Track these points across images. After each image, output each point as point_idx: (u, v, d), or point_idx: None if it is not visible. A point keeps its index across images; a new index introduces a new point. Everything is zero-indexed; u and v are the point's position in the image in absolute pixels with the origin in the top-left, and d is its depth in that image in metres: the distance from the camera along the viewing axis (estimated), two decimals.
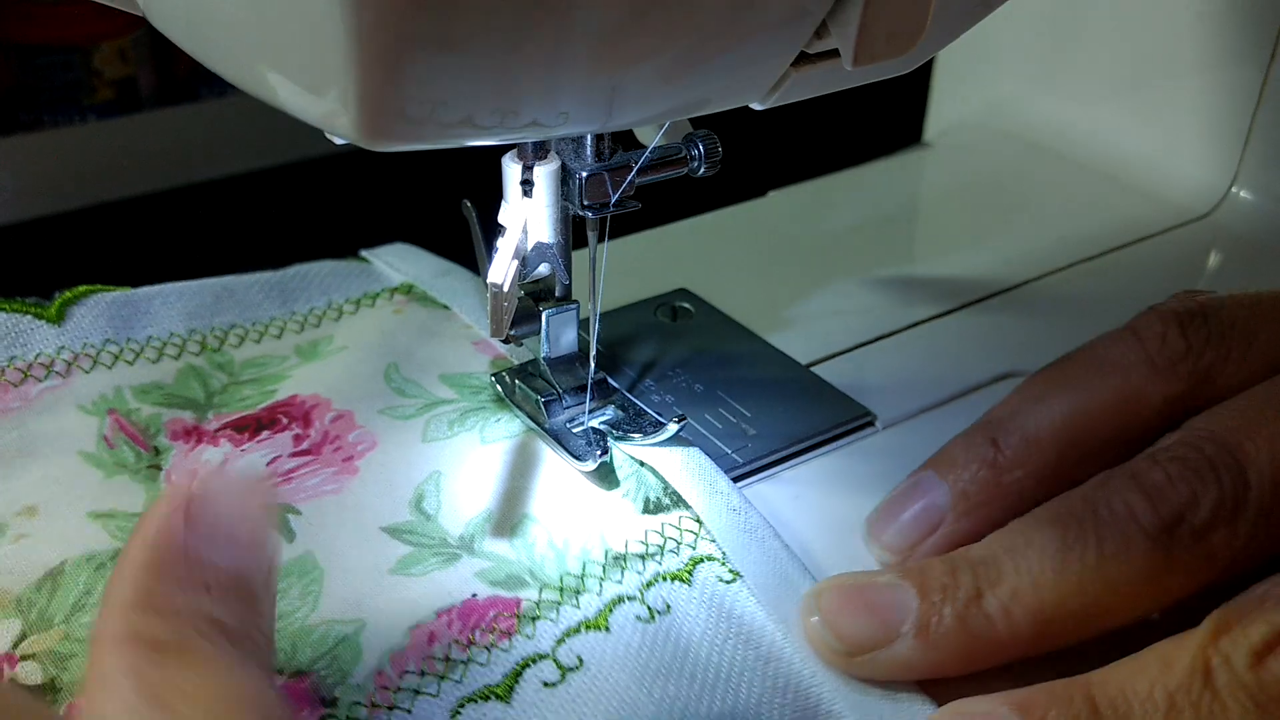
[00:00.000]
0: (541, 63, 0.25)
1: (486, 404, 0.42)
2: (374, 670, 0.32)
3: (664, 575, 0.36)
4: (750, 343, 0.47)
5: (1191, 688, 0.28)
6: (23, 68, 0.73)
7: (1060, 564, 0.31)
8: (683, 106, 0.30)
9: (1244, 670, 0.28)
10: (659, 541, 0.37)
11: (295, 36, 0.25)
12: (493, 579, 0.35)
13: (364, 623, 0.33)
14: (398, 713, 0.31)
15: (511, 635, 0.33)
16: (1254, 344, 0.35)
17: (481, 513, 0.38)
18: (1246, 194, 0.57)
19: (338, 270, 0.49)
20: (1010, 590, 0.31)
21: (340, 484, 0.39)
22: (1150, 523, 0.31)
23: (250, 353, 0.45)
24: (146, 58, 0.76)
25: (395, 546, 0.36)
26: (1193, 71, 0.57)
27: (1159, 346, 0.35)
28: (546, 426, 0.40)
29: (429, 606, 0.34)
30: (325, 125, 0.26)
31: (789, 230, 0.57)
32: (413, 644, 0.33)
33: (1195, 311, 0.36)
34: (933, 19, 0.29)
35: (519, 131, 0.28)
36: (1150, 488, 0.32)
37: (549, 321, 0.40)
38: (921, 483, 0.36)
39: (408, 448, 0.40)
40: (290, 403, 0.42)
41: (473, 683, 0.32)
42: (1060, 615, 0.31)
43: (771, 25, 0.27)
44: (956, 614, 0.31)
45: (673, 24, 0.26)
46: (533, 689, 0.32)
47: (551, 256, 0.38)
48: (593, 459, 0.39)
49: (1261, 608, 0.29)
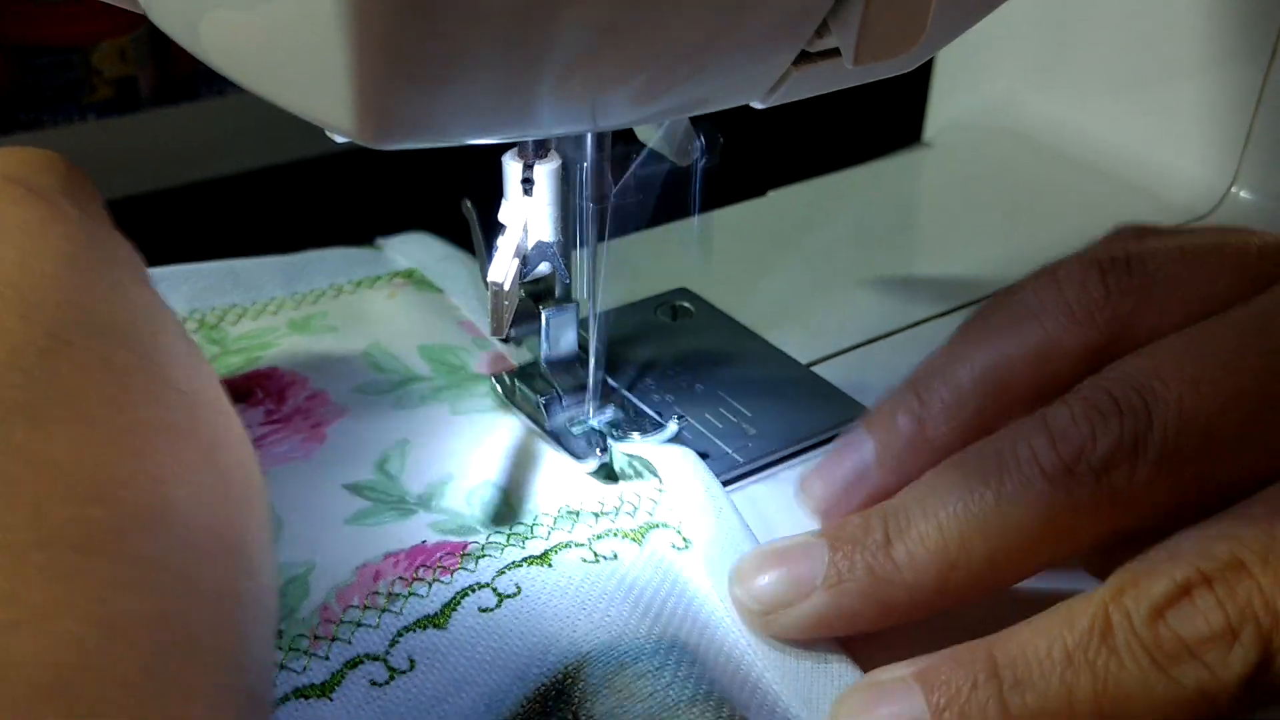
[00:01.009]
0: (541, 62, 0.25)
1: (462, 381, 0.43)
2: (319, 605, 0.33)
3: (615, 532, 0.36)
4: (750, 343, 0.47)
5: (1090, 644, 0.28)
6: (22, 67, 0.73)
7: (963, 507, 0.31)
8: (683, 106, 0.30)
9: (1142, 627, 0.28)
10: (616, 504, 0.37)
11: (295, 34, 0.25)
12: (444, 529, 0.36)
13: (314, 565, 0.34)
14: (338, 644, 0.32)
15: (454, 571, 0.34)
16: (1175, 293, 0.34)
17: (444, 476, 0.38)
18: (1246, 194, 0.57)
19: (348, 256, 0.50)
20: (917, 535, 0.31)
21: (308, 450, 0.39)
22: (1050, 463, 0.31)
23: (245, 329, 0.46)
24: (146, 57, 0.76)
25: (354, 501, 0.37)
26: (1193, 71, 0.57)
27: (1078, 294, 0.35)
28: (546, 427, 0.40)
29: (379, 551, 0.35)
30: (325, 123, 0.26)
31: (789, 230, 0.57)
32: (358, 581, 0.34)
33: (1118, 259, 0.35)
34: (933, 18, 0.29)
35: (518, 130, 0.28)
36: (1054, 429, 0.31)
37: (548, 321, 0.40)
38: (850, 440, 0.36)
39: (378, 418, 0.41)
40: (269, 375, 0.42)
41: (411, 614, 0.33)
42: (965, 559, 0.31)
43: (772, 24, 0.27)
44: (866, 563, 0.32)
45: (673, 24, 0.26)
46: (470, 616, 0.33)
47: (552, 255, 0.38)
48: (592, 458, 0.39)
49: (1163, 565, 0.28)
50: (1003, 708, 0.28)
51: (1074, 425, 0.31)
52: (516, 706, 0.31)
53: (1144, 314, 0.34)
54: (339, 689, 0.31)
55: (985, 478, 0.31)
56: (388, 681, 0.31)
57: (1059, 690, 0.28)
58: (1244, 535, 0.28)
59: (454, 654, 0.32)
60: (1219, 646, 0.27)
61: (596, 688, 0.31)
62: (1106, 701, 0.28)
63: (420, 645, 0.32)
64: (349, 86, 0.24)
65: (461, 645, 0.32)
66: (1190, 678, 0.27)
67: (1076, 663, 0.28)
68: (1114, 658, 0.28)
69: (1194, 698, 0.27)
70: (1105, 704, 0.28)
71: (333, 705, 0.31)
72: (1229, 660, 0.27)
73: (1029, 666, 0.28)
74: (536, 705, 0.31)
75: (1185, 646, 0.27)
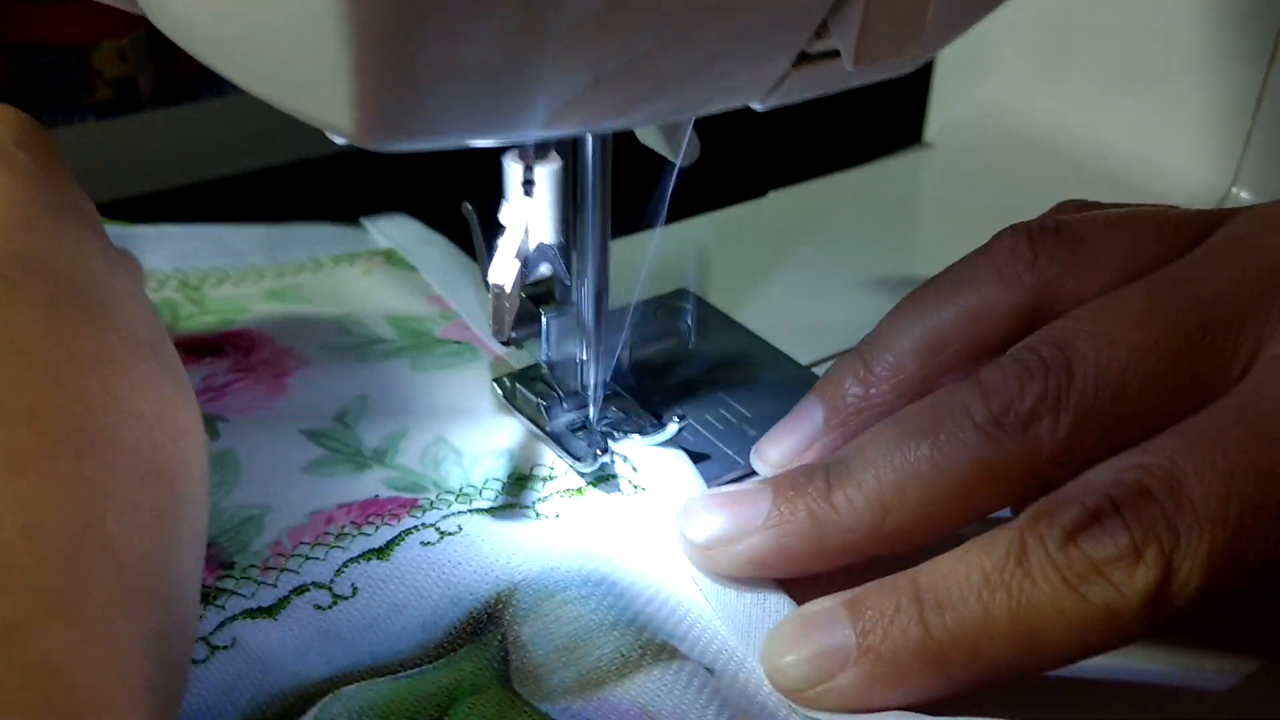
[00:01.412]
0: (541, 64, 0.25)
1: (424, 344, 0.44)
2: (272, 541, 0.35)
3: (562, 491, 0.38)
4: (750, 343, 0.47)
5: (1007, 568, 0.30)
6: (22, 67, 0.73)
7: (899, 457, 0.33)
8: (682, 107, 0.30)
9: (1055, 550, 0.29)
10: (565, 468, 0.39)
11: (295, 35, 0.25)
12: (397, 486, 0.38)
13: (270, 508, 0.37)
14: (286, 573, 0.34)
15: (401, 519, 0.36)
16: (1101, 257, 0.36)
17: (399, 430, 0.40)
18: (1246, 194, 0.57)
19: (332, 232, 0.52)
20: (855, 483, 0.33)
21: (270, 400, 0.41)
22: (981, 416, 0.33)
23: (225, 293, 0.48)
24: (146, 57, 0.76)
25: (311, 449, 0.39)
26: (1193, 71, 0.57)
27: (1008, 259, 0.37)
28: (546, 429, 0.40)
29: (333, 501, 0.37)
30: (324, 125, 0.26)
31: (789, 230, 0.57)
32: (311, 524, 0.36)
33: (1048, 226, 0.37)
34: (933, 18, 0.29)
35: (517, 133, 0.28)
36: (985, 386, 0.33)
37: (549, 324, 0.40)
38: (801, 407, 0.38)
39: (340, 372, 0.42)
40: (240, 334, 0.44)
41: (357, 549, 0.35)
42: (900, 504, 0.33)
43: (772, 25, 0.27)
44: (806, 507, 0.34)
45: (674, 26, 0.26)
46: (412, 550, 0.35)
47: (553, 257, 0.38)
48: (592, 459, 0.39)
49: (1076, 495, 0.30)
50: (924, 629, 0.30)
51: (1003, 381, 0.33)
52: (450, 628, 0.33)
53: (1070, 277, 0.36)
54: (285, 611, 0.33)
55: (921, 431, 0.33)
56: (331, 606, 0.33)
57: (976, 610, 0.30)
58: (1150, 464, 0.30)
59: (394, 582, 0.34)
60: (1125, 566, 0.29)
61: (526, 613, 0.33)
62: (1020, 620, 0.29)
63: (363, 574, 0.34)
64: (348, 88, 0.24)
65: (402, 574, 0.34)
66: (1098, 595, 0.29)
67: (993, 584, 0.30)
68: (1028, 579, 0.29)
69: (1101, 614, 0.29)
70: (1019, 622, 0.29)
71: (278, 625, 0.33)
72: (1134, 579, 0.29)
73: (949, 590, 0.30)
74: (469, 627, 0.33)
75: (1094, 566, 0.29)
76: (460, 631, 0.33)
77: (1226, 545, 0.29)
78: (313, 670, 0.31)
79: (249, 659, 0.32)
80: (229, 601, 0.33)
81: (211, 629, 0.33)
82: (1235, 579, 0.29)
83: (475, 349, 0.45)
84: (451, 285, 0.49)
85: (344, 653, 0.32)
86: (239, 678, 0.31)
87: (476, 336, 0.46)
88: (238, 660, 0.32)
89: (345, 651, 0.32)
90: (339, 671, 0.31)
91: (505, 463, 0.39)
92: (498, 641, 0.32)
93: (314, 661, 0.32)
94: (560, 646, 0.32)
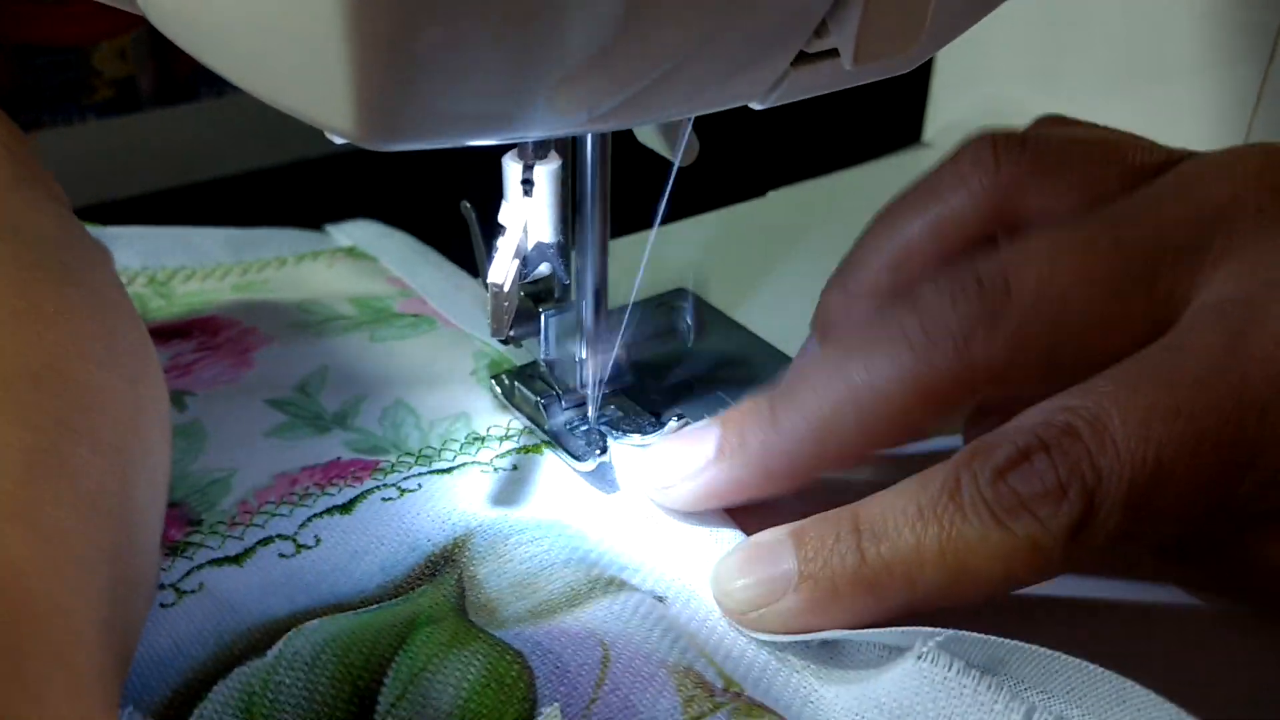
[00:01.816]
0: (540, 64, 0.25)
1: (383, 317, 0.46)
2: (238, 500, 0.37)
3: (518, 449, 0.40)
4: (750, 342, 0.47)
5: (940, 501, 0.31)
6: (22, 67, 0.73)
7: (839, 377, 0.34)
8: (682, 106, 0.30)
9: (985, 486, 0.31)
10: (519, 427, 0.41)
11: (295, 35, 0.25)
12: (358, 448, 0.39)
13: (236, 469, 0.38)
14: (253, 528, 0.36)
15: (363, 481, 0.38)
16: (1064, 177, 0.37)
17: (358, 395, 0.41)
18: None
19: (295, 235, 0.53)
20: (797, 406, 0.35)
21: (235, 374, 0.42)
22: (915, 334, 0.34)
23: (192, 288, 0.49)
24: (146, 57, 0.76)
25: (275, 415, 0.41)
26: (1192, 71, 0.57)
27: (971, 167, 0.38)
28: (545, 427, 0.40)
29: (297, 463, 0.38)
30: (324, 125, 0.26)
31: (789, 230, 0.57)
32: (276, 485, 0.38)
33: (1014, 136, 0.38)
34: (932, 18, 0.29)
35: (518, 132, 0.28)
36: (921, 305, 0.34)
37: (548, 322, 0.40)
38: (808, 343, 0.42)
39: (302, 345, 0.44)
40: (207, 320, 0.46)
41: (321, 506, 0.37)
42: (840, 425, 0.34)
43: (771, 24, 0.27)
44: (752, 435, 0.35)
45: (672, 26, 0.26)
46: (374, 505, 0.37)
47: (552, 256, 0.38)
48: (592, 459, 0.39)
49: (1009, 434, 0.31)
50: (860, 557, 0.32)
51: (938, 298, 0.34)
52: (409, 571, 0.35)
53: (1032, 191, 0.37)
54: (250, 560, 0.35)
55: (860, 352, 0.34)
56: (295, 554, 0.35)
57: (910, 540, 0.31)
58: (1079, 406, 0.31)
59: (356, 532, 0.36)
60: (1050, 502, 0.30)
61: (481, 554, 0.35)
62: (950, 550, 0.31)
63: (326, 526, 0.36)
64: (348, 88, 0.24)
65: (363, 525, 0.36)
66: (1023, 529, 0.30)
67: (926, 517, 0.31)
68: (959, 512, 0.31)
69: (1026, 545, 0.30)
70: (949, 553, 0.31)
71: (244, 570, 0.34)
72: (1058, 514, 0.30)
73: (885, 521, 0.32)
74: (427, 570, 0.35)
75: (1020, 501, 0.30)
76: (419, 574, 0.34)
77: (1146, 483, 0.30)
78: (277, 609, 0.33)
79: (216, 601, 0.33)
80: (197, 553, 0.35)
81: (179, 577, 0.34)
82: (1156, 515, 0.30)
83: (432, 320, 0.46)
84: (410, 267, 0.51)
85: (307, 594, 0.34)
86: (206, 618, 0.33)
87: (433, 310, 0.47)
88: (205, 603, 0.33)
89: (308, 593, 0.34)
90: (302, 609, 0.33)
91: (462, 425, 0.41)
92: (454, 580, 0.34)
93: (278, 601, 0.33)
94: (514, 582, 0.34)
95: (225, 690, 0.30)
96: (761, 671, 0.33)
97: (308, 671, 0.30)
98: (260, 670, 0.30)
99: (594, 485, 0.39)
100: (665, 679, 0.31)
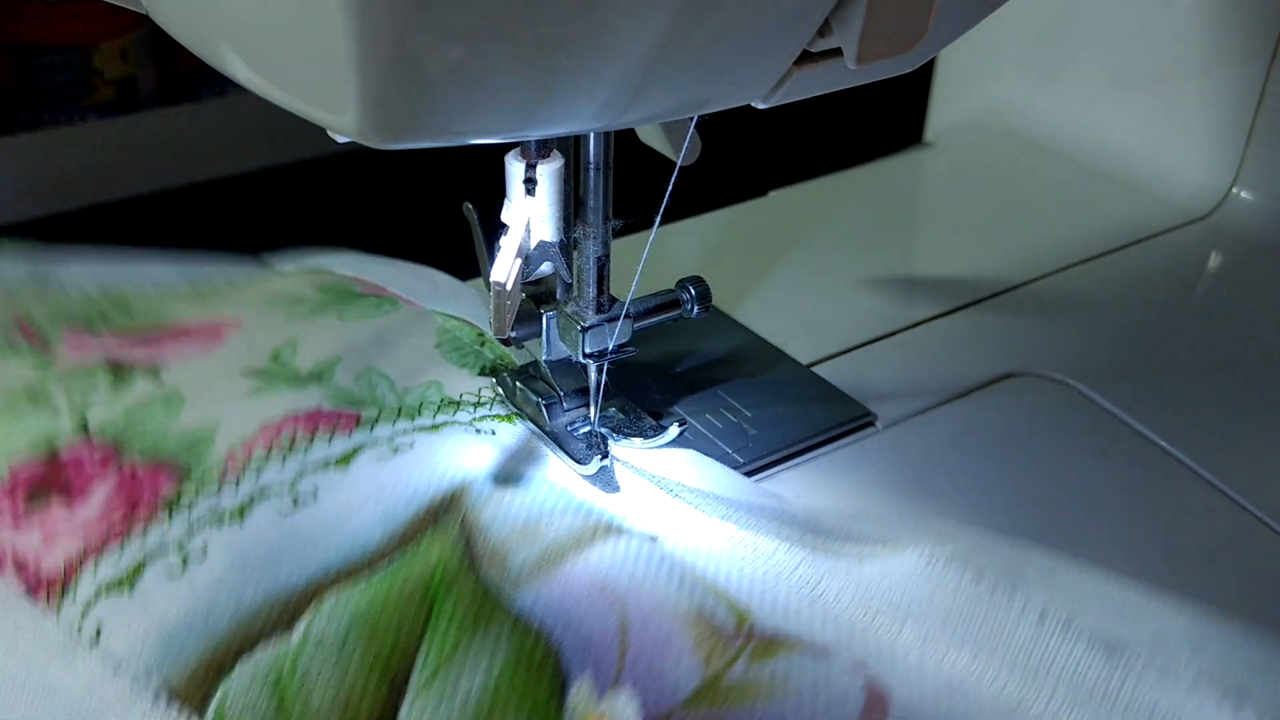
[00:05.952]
0: (543, 64, 0.25)
1: (349, 298, 0.47)
2: (225, 452, 0.37)
3: (493, 416, 0.41)
4: (750, 343, 0.47)
5: None
6: (23, 67, 0.73)
7: None
8: (686, 105, 0.30)
9: None
10: (492, 395, 0.42)
11: (299, 35, 0.25)
12: (338, 400, 0.40)
13: (219, 424, 0.39)
14: (246, 479, 0.36)
15: (352, 431, 0.38)
16: None
17: (332, 358, 0.42)
18: (1247, 194, 0.57)
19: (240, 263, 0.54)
20: None
21: (207, 349, 0.43)
22: None
23: (149, 305, 0.49)
24: (147, 57, 0.76)
25: (251, 381, 0.41)
26: (1194, 72, 0.57)
27: None
28: (547, 429, 0.40)
29: (279, 413, 0.39)
30: (328, 123, 0.26)
31: (789, 230, 0.57)
32: (261, 435, 0.38)
33: None
34: (935, 18, 0.29)
35: (521, 131, 0.28)
36: None
37: (550, 323, 0.40)
38: None
39: (271, 324, 0.45)
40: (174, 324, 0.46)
41: (316, 455, 0.37)
42: None
43: (775, 24, 0.27)
44: None
45: (676, 26, 0.26)
46: (369, 463, 0.37)
47: (554, 255, 0.38)
48: (593, 462, 0.39)
49: None
50: None
51: None
52: (411, 519, 0.35)
53: None
54: (250, 518, 0.35)
55: None
56: (294, 510, 0.36)
57: None
58: None
59: (355, 486, 0.37)
60: None
61: (480, 501, 0.36)
62: None
63: (324, 480, 0.37)
64: (354, 88, 0.24)
65: (363, 479, 0.37)
66: None
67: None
68: None
69: None
70: None
71: (246, 533, 0.35)
72: None
73: None
74: (428, 518, 0.35)
75: None
76: (421, 522, 0.35)
77: None
78: (289, 575, 0.34)
79: (226, 569, 0.34)
80: (195, 506, 0.36)
81: (181, 534, 0.35)
82: None
83: (395, 300, 0.47)
84: (361, 267, 0.51)
85: (315, 554, 0.34)
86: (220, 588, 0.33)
87: (393, 293, 0.48)
88: (215, 571, 0.34)
89: (315, 552, 0.34)
90: (313, 576, 0.34)
91: (435, 391, 0.41)
92: (457, 527, 0.35)
93: (289, 566, 0.34)
94: (517, 528, 0.36)
95: (251, 668, 0.31)
96: (764, 582, 0.34)
97: (337, 656, 0.31)
98: (286, 652, 0.31)
99: (596, 487, 0.39)
100: (682, 635, 0.32)
